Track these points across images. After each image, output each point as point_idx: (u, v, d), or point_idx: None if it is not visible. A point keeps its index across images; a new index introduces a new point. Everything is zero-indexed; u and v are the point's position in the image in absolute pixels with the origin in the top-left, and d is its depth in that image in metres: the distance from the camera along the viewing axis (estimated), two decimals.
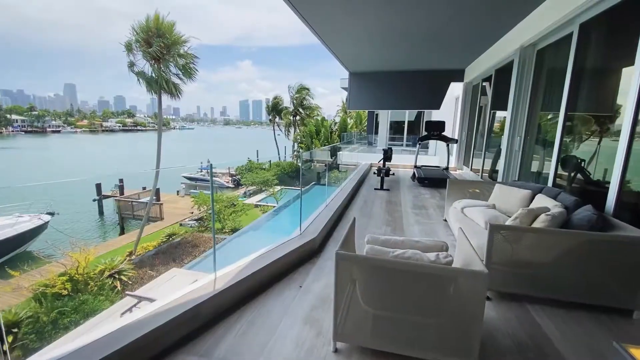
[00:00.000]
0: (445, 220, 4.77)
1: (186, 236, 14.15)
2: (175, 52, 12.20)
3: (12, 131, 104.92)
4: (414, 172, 8.43)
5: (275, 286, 2.77)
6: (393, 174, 8.44)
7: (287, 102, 34.56)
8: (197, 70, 13.21)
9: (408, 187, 7.50)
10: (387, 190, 7.00)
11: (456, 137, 10.31)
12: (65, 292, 7.81)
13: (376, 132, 20.47)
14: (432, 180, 7.55)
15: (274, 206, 18.70)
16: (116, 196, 22.51)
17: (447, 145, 9.02)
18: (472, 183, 4.96)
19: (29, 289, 7.94)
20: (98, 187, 23.29)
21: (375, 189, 7.09)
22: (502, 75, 7.13)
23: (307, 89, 32.64)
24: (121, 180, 24.37)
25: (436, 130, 8.51)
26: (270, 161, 32.12)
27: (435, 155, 14.17)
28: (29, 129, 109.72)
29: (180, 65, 12.50)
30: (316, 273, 3.05)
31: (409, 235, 4.21)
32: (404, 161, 11.89)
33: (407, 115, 19.24)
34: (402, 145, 18.90)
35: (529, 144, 5.60)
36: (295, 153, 34.64)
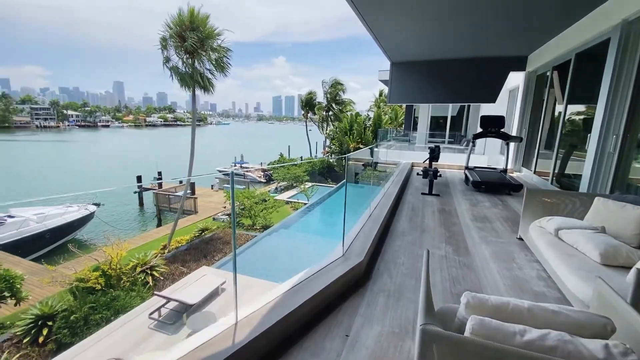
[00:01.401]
0: (521, 239, 3.83)
1: (218, 232, 14.06)
2: (209, 46, 11.94)
3: (68, 125, 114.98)
4: (465, 175, 7.38)
5: (313, 333, 2.10)
6: (440, 176, 7.47)
7: (320, 97, 33.93)
8: (230, 64, 12.92)
9: (461, 192, 6.50)
10: (437, 195, 6.07)
11: (515, 134, 9.02)
12: (98, 287, 7.80)
13: (414, 129, 19.18)
14: (490, 184, 6.49)
15: (305, 203, 18.20)
16: (154, 189, 23.30)
17: (507, 144, 7.83)
18: (557, 194, 3.94)
19: (64, 282, 8.04)
20: (139, 179, 24.30)
21: (422, 193, 6.19)
22: (585, 60, 5.89)
23: (342, 84, 31.74)
24: (160, 174, 25.24)
25: (494, 126, 7.37)
26: (301, 157, 31.81)
27: (484, 155, 12.79)
28: (82, 124, 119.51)
29: (213, 60, 12.24)
30: (366, 313, 2.34)
31: (477, 258, 3.36)
32: (448, 160, 10.73)
33: (450, 110, 17.73)
34: (443, 142, 17.47)
35: (629, 145, 4.44)
36: (326, 149, 33.99)
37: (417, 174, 8.30)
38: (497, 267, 3.18)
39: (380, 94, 40.13)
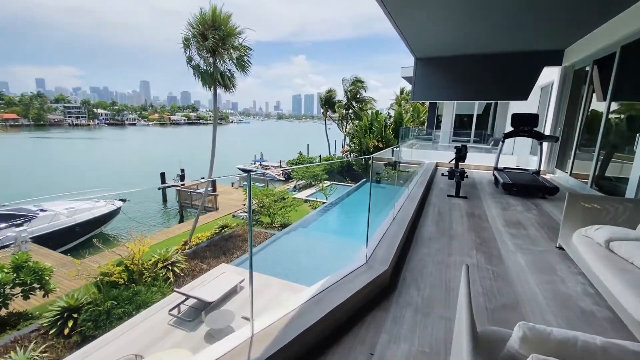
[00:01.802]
0: (561, 248, 3.48)
1: (237, 229, 14.17)
2: (230, 45, 11.98)
3: (98, 123, 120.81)
4: (494, 176, 6.96)
5: (335, 350, 1.92)
6: (467, 177, 7.09)
7: (340, 95, 33.66)
8: (250, 63, 12.93)
9: (490, 195, 6.12)
10: (465, 198, 5.73)
11: (549, 134, 8.45)
12: (121, 282, 7.98)
13: (437, 127, 18.56)
14: (523, 187, 6.06)
15: (323, 202, 18.06)
16: (177, 185, 23.91)
17: (540, 144, 7.33)
18: (604, 200, 3.55)
19: (89, 275, 8.29)
20: (162, 176, 25.01)
21: (448, 195, 5.87)
22: (633, 53, 5.36)
23: (362, 82, 31.32)
24: (182, 171, 25.89)
25: (527, 125, 6.90)
26: (320, 155, 31.69)
27: (512, 155, 12.14)
28: (110, 122, 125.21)
29: (234, 59, 12.28)
30: (392, 329, 2.14)
31: (512, 269, 3.07)
32: (474, 160, 10.23)
33: (477, 108, 17.00)
34: (468, 141, 16.78)
35: None
36: (346, 148, 33.68)
37: (442, 174, 7.94)
38: (536, 279, 2.88)
39: (401, 92, 39.31)
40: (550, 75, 9.18)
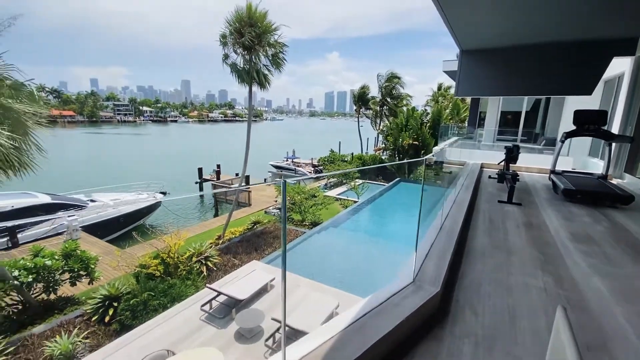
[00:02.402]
0: None
1: (269, 226, 14.24)
2: (266, 41, 11.94)
3: (143, 120, 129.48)
4: (552, 181, 6.19)
5: None
6: (518, 180, 6.39)
7: (373, 91, 32.84)
8: (285, 60, 12.82)
9: (548, 202, 5.43)
10: (519, 204, 5.12)
11: (617, 132, 7.41)
12: (157, 274, 8.22)
13: (479, 125, 17.35)
14: (588, 194, 5.30)
15: (355, 201, 17.65)
16: (213, 180, 24.70)
17: (609, 144, 6.41)
18: None
19: (129, 266, 8.64)
20: (199, 171, 25.95)
21: (499, 201, 5.28)
22: None
23: (398, 77, 30.26)
24: (218, 166, 26.68)
25: (593, 123, 6.05)
26: (352, 153, 31.16)
27: (567, 156, 10.94)
28: (154, 119, 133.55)
29: (269, 56, 12.24)
30: None
31: (591, 297, 2.55)
32: (525, 162, 9.29)
33: (525, 104, 15.61)
34: (515, 141, 15.47)
35: None
36: (379, 145, 32.84)
37: (490, 177, 7.26)
38: (625, 312, 2.36)
39: (439, 88, 37.51)
40: (617, 67, 8.08)
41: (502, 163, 6.21)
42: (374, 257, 10.05)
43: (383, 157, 27.50)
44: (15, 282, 6.83)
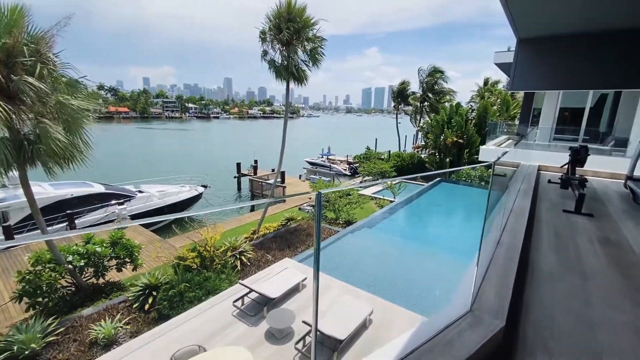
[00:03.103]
0: None
1: (302, 223, 14.17)
2: (304, 36, 11.78)
3: (188, 116, 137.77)
4: (630, 189, 5.30)
5: None
6: (586, 186, 5.54)
7: (414, 87, 31.51)
8: (323, 54, 12.57)
9: (626, 213, 4.62)
10: (590, 215, 4.40)
11: None
12: (194, 266, 8.44)
13: (532, 122, 15.76)
14: None
15: (392, 201, 16.99)
16: (250, 175, 25.28)
17: None
18: None
19: (168, 257, 8.98)
20: (238, 166, 26.71)
21: (565, 211, 4.58)
22: None
23: (442, 72, 28.69)
24: (255, 162, 27.28)
25: None
26: (389, 151, 30.19)
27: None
28: (198, 115, 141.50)
29: (307, 50, 12.07)
30: None
31: None
32: (591, 165, 8.16)
33: (590, 99, 13.85)
34: (576, 140, 13.83)
35: None
36: (418, 143, 31.50)
37: (549, 181, 6.42)
38: None
39: (485, 83, 35.00)
40: None
41: (566, 166, 5.42)
42: (411, 264, 9.50)
43: (422, 156, 26.30)
44: (70, 265, 7.35)
